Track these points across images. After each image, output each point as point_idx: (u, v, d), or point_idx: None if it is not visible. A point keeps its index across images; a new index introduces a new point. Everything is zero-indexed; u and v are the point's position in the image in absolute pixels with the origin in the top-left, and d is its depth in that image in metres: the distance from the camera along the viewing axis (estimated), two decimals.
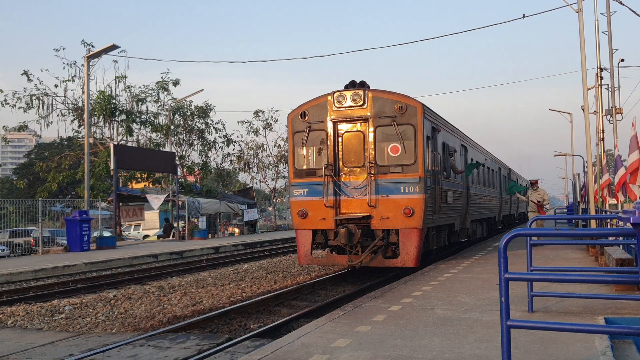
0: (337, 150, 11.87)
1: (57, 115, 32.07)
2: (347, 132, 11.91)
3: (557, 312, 6.62)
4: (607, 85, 21.06)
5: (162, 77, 35.08)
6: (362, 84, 12.03)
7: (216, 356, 6.60)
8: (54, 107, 31.75)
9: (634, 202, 9.86)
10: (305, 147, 12.17)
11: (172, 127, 35.63)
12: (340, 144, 11.91)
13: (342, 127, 11.93)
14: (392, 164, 11.50)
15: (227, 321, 8.86)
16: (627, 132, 10.94)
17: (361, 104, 11.68)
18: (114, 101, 32.25)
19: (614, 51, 20.75)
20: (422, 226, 11.39)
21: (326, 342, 5.54)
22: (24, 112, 31.04)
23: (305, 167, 12.20)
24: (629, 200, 11.57)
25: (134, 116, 33.53)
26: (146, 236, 36.35)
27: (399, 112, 11.45)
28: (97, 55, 25.04)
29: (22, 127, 32.02)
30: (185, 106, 37.00)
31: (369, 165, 11.49)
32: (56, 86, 31.54)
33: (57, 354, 6.89)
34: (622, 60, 21.40)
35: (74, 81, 31.58)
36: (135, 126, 34.07)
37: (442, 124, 13.61)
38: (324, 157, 11.91)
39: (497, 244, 17.51)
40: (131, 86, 34.05)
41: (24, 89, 30.99)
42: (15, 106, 30.81)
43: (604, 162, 18.14)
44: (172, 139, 35.79)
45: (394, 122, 11.43)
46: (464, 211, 15.98)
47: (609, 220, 13.20)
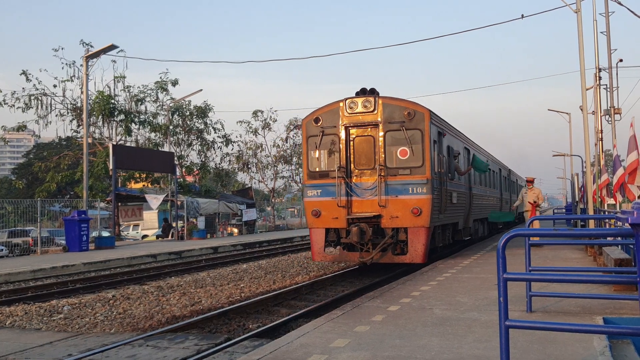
0: (348, 153, 12.59)
1: (56, 115, 32.05)
2: (358, 136, 12.62)
3: (555, 312, 6.62)
4: (606, 85, 21.09)
5: (160, 77, 35.09)
6: (372, 91, 12.70)
7: (215, 356, 6.60)
8: (53, 107, 31.72)
9: (632, 202, 9.88)
10: (318, 151, 12.87)
11: (171, 127, 35.60)
12: (351, 148, 12.62)
13: (353, 132, 12.65)
14: (401, 167, 12.19)
15: (225, 321, 8.85)
16: (626, 132, 10.95)
17: (372, 110, 12.38)
18: (112, 101, 32.22)
19: (612, 51, 20.80)
20: (430, 225, 12.04)
21: (325, 342, 5.55)
22: (23, 112, 31.01)
23: (318, 169, 12.88)
24: (627, 200, 11.58)
25: (132, 116, 33.50)
26: (145, 236, 36.34)
27: (407, 118, 12.17)
28: (96, 55, 25.01)
29: (21, 127, 31.96)
30: (184, 106, 36.98)
31: (379, 167, 12.20)
32: (55, 86, 31.53)
33: (56, 354, 6.89)
34: (621, 60, 21.43)
35: (72, 81, 31.56)
36: (134, 126, 34.06)
37: (447, 128, 14.27)
38: (337, 159, 12.60)
39: (495, 243, 17.57)
40: (130, 86, 34.04)
41: (23, 88, 30.95)
42: (14, 106, 30.77)
43: (602, 162, 18.16)
44: (171, 139, 35.76)
45: (403, 127, 12.15)
46: (467, 211, 16.52)
47: (607, 220, 13.21)
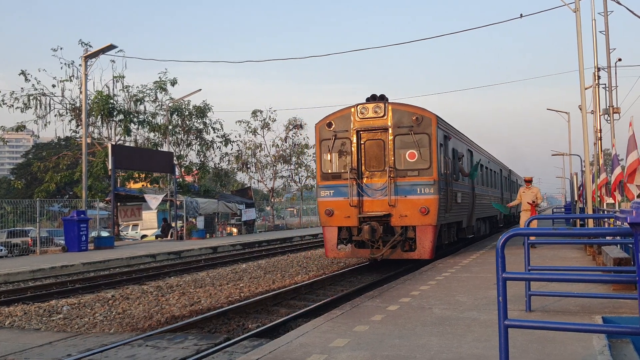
0: (360, 156, 13.25)
1: (55, 115, 32.02)
2: (369, 140, 13.27)
3: (554, 312, 6.62)
4: (605, 84, 21.09)
5: (159, 77, 35.04)
6: (382, 97, 13.35)
7: (214, 356, 6.59)
8: (52, 107, 31.69)
9: (631, 201, 9.88)
10: (331, 153, 13.57)
11: (170, 127, 35.56)
12: (362, 151, 13.28)
13: (364, 136, 13.30)
14: (410, 169, 12.87)
15: (225, 321, 8.85)
16: (625, 131, 10.96)
17: (382, 115, 13.05)
18: (111, 101, 32.20)
19: (611, 51, 20.79)
20: (437, 223, 12.73)
21: (324, 341, 5.54)
22: (22, 112, 30.98)
23: (331, 171, 13.57)
24: (626, 199, 11.59)
25: (131, 116, 33.47)
26: (144, 236, 36.33)
27: (415, 123, 12.83)
28: (95, 55, 24.97)
29: (20, 127, 31.93)
30: (183, 106, 36.95)
31: (389, 169, 12.85)
32: (54, 86, 31.50)
33: (55, 354, 6.88)
34: (620, 59, 21.43)
35: (71, 81, 31.52)
36: (133, 126, 34.03)
37: (452, 132, 14.98)
38: (349, 162, 13.28)
39: (495, 243, 17.53)
40: (129, 86, 34.01)
41: (22, 89, 30.89)
42: (12, 106, 30.73)
43: (601, 161, 18.16)
44: (170, 138, 35.73)
45: (411, 132, 12.82)
46: (470, 210, 17.19)
47: (606, 219, 13.21)
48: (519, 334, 5.34)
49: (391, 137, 12.96)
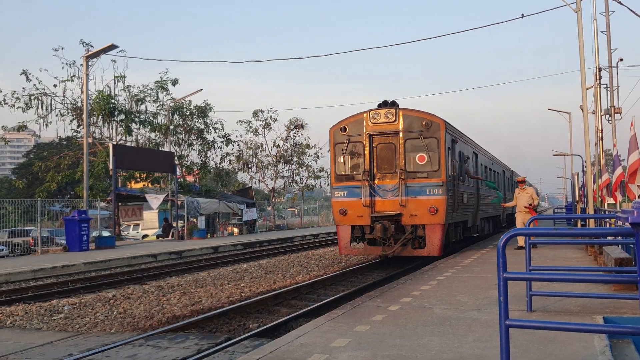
0: (372, 158, 13.94)
1: (56, 115, 31.99)
2: (381, 143, 13.96)
3: (556, 312, 6.62)
4: (606, 84, 21.07)
5: (161, 77, 35.06)
6: (393, 103, 14.05)
7: (215, 356, 6.60)
8: (53, 107, 31.68)
9: (632, 201, 9.87)
10: (344, 156, 14.26)
11: (171, 127, 35.58)
12: (375, 154, 13.97)
13: (376, 140, 13.99)
14: (419, 171, 13.57)
15: (226, 321, 8.85)
16: (626, 131, 10.96)
17: (393, 120, 13.74)
18: (113, 101, 32.19)
19: (612, 51, 20.78)
20: (445, 222, 13.44)
21: (325, 341, 5.55)
22: (23, 112, 30.96)
23: (344, 172, 14.28)
24: (627, 199, 11.58)
25: (133, 116, 33.48)
26: (145, 236, 36.34)
27: (424, 128, 13.53)
28: (96, 55, 25.00)
29: (21, 127, 31.93)
30: (184, 106, 36.96)
31: (400, 171, 13.54)
32: (55, 86, 31.49)
33: (56, 354, 6.89)
34: (621, 59, 21.41)
35: (72, 81, 31.51)
36: (134, 126, 34.00)
37: (459, 136, 15.69)
38: (361, 164, 13.99)
39: (496, 243, 17.54)
40: (130, 86, 33.99)
41: (23, 88, 30.90)
42: (14, 106, 30.72)
43: (602, 161, 18.15)
44: (171, 138, 35.75)
45: (421, 136, 13.53)
46: (475, 210, 17.90)
47: (607, 219, 13.20)
48: (520, 334, 5.34)
49: (402, 141, 13.65)
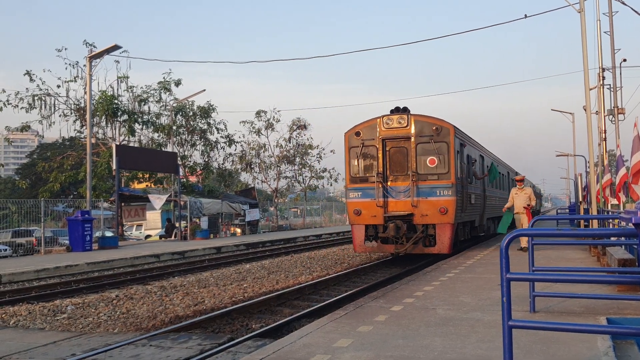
0: (385, 161, 14.70)
1: (60, 115, 32.05)
2: (393, 147, 14.72)
3: (559, 313, 6.61)
4: (609, 85, 21.04)
5: (164, 78, 35.12)
6: (405, 109, 14.78)
7: (218, 356, 6.60)
8: (57, 108, 31.75)
9: (636, 202, 9.84)
10: (358, 159, 14.98)
11: (174, 127, 35.63)
12: (387, 157, 14.73)
13: (389, 144, 14.73)
14: (430, 173, 14.29)
15: (229, 321, 8.86)
16: (630, 132, 10.94)
17: (405, 125, 14.50)
18: (116, 101, 32.25)
19: (616, 51, 20.74)
20: (454, 222, 14.19)
21: (328, 342, 5.55)
22: (27, 112, 31.02)
23: (359, 175, 14.97)
24: (631, 200, 11.55)
25: (136, 116, 33.54)
26: (148, 236, 36.38)
27: (435, 132, 14.28)
28: (99, 55, 25.05)
29: (25, 128, 32.01)
30: (187, 106, 37.00)
31: (412, 173, 14.31)
32: (58, 86, 31.54)
33: (59, 354, 6.90)
34: (625, 60, 21.38)
35: (76, 81, 31.57)
36: (137, 126, 34.06)
37: (467, 140, 16.49)
38: (375, 167, 14.74)
39: (499, 243, 17.54)
40: (133, 86, 34.07)
41: (27, 89, 30.94)
42: (17, 106, 30.78)
43: (606, 162, 18.11)
44: (174, 139, 35.79)
45: (432, 140, 14.28)
46: (482, 210, 18.68)
47: (610, 220, 13.17)
48: (523, 335, 5.34)
49: (413, 145, 14.39)
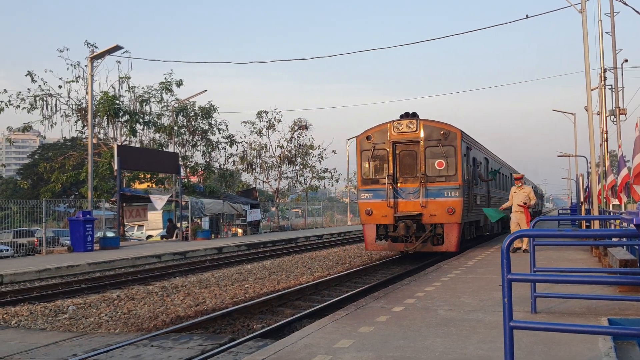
0: (395, 164, 15.39)
1: (61, 115, 32.06)
2: (403, 150, 15.42)
3: (560, 313, 6.60)
4: (611, 85, 21.01)
5: (165, 78, 35.14)
6: (414, 115, 15.54)
7: (219, 356, 6.60)
8: (58, 108, 31.75)
9: (637, 203, 9.84)
10: (370, 162, 15.70)
11: (176, 127, 35.65)
12: (397, 160, 15.43)
13: (399, 147, 15.45)
14: (438, 175, 14.97)
15: (230, 321, 8.86)
16: (631, 132, 10.93)
17: (414, 130, 15.23)
18: (117, 102, 32.28)
19: (617, 52, 20.70)
20: (461, 221, 14.83)
21: (329, 342, 5.55)
22: (28, 112, 31.03)
23: (370, 177, 15.70)
24: (632, 201, 11.54)
25: (137, 117, 33.56)
26: (149, 236, 36.41)
27: (443, 137, 14.98)
28: (101, 56, 25.08)
29: (26, 128, 32.04)
30: (188, 107, 37.02)
31: (421, 175, 14.98)
32: (60, 87, 31.56)
33: (61, 354, 6.91)
34: (626, 60, 21.35)
35: (77, 82, 31.59)
36: (138, 127, 34.07)
37: (473, 143, 17.19)
38: (385, 169, 15.42)
39: (500, 244, 17.51)
40: (135, 87, 34.09)
41: (28, 89, 30.96)
42: (19, 107, 30.80)
43: (607, 162, 18.08)
44: (176, 139, 35.82)
45: (440, 144, 14.95)
46: None
47: (612, 221, 13.16)
48: (525, 336, 5.33)
49: (422, 149, 15.08)
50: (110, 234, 25.88)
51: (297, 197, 53.82)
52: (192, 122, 37.62)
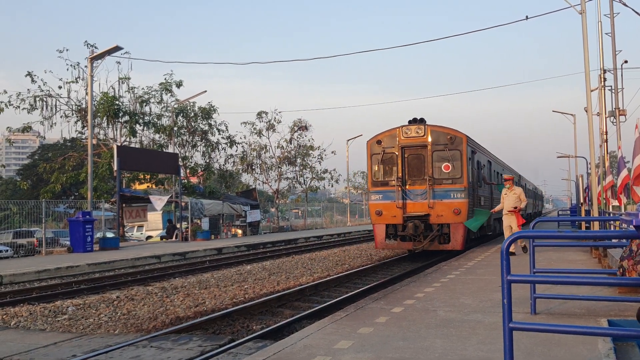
0: (404, 167, 16.16)
1: (61, 116, 32.04)
2: (411, 154, 16.19)
3: (560, 314, 6.60)
4: (611, 86, 21.01)
5: (165, 79, 35.15)
6: (422, 120, 16.29)
7: (219, 357, 6.60)
8: (58, 109, 31.74)
9: (637, 204, 9.84)
10: (380, 165, 16.50)
11: (175, 128, 35.66)
12: (406, 163, 16.20)
13: (407, 151, 16.20)
14: (445, 178, 15.75)
15: (229, 322, 8.86)
16: (631, 133, 10.94)
17: (422, 135, 16.00)
18: (117, 102, 32.28)
19: (617, 53, 20.70)
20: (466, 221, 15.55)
21: (328, 343, 5.54)
22: (28, 113, 31.02)
23: (380, 179, 16.50)
24: (632, 202, 11.54)
25: (137, 117, 33.56)
26: (149, 237, 36.41)
27: (449, 141, 15.77)
28: (101, 56, 25.08)
29: (26, 128, 32.02)
30: (188, 107, 37.02)
31: (428, 178, 15.74)
32: (60, 87, 31.58)
33: (60, 355, 6.90)
34: (626, 61, 21.35)
35: (77, 82, 31.59)
36: (138, 127, 34.08)
37: (477, 147, 17.88)
38: (395, 172, 16.22)
39: (499, 245, 17.54)
40: (134, 87, 34.10)
41: (28, 90, 30.95)
42: (19, 107, 30.81)
43: (607, 163, 18.09)
44: (175, 140, 35.82)
45: (446, 148, 15.76)
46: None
47: (612, 222, 13.15)
48: (524, 337, 5.33)
49: (430, 153, 15.83)
50: (109, 235, 25.87)
51: (296, 198, 53.82)
52: (192, 123, 37.61)
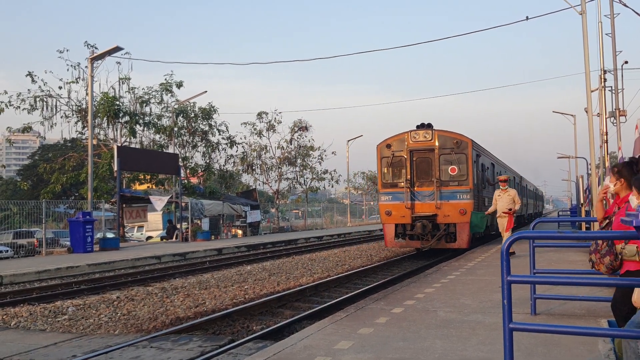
0: (412, 169, 17.03)
1: (61, 116, 32.02)
2: (419, 157, 17.06)
3: (560, 315, 6.60)
4: (611, 87, 20.99)
5: (165, 79, 35.15)
6: (429, 125, 17.15)
7: (219, 358, 6.60)
8: (58, 109, 31.73)
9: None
10: (389, 168, 17.39)
11: (176, 128, 35.66)
12: (414, 166, 17.07)
13: (415, 154, 17.11)
14: (451, 180, 16.57)
15: (229, 323, 8.85)
16: (631, 134, 10.94)
17: (429, 139, 16.90)
18: (117, 103, 32.28)
19: (617, 53, 20.67)
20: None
21: (328, 344, 5.54)
22: (28, 113, 31.01)
23: (389, 181, 17.44)
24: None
25: (137, 118, 33.56)
26: (149, 237, 36.40)
27: (455, 145, 16.62)
28: (101, 57, 25.08)
29: (26, 129, 32.02)
30: (188, 108, 37.03)
31: (436, 180, 16.59)
32: (60, 88, 31.59)
33: (60, 355, 6.90)
34: (626, 62, 21.31)
35: (77, 83, 31.58)
36: (138, 128, 34.07)
37: (482, 151, 18.76)
38: (404, 174, 17.11)
39: (499, 245, 17.53)
40: (135, 88, 34.10)
41: (28, 90, 30.96)
42: (19, 107, 30.81)
43: (607, 164, 18.07)
44: (176, 140, 35.82)
45: (453, 152, 16.62)
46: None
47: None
48: (524, 337, 5.33)
49: (437, 156, 16.69)
50: (110, 235, 25.87)
51: (297, 198, 53.84)
52: (192, 123, 37.61)
